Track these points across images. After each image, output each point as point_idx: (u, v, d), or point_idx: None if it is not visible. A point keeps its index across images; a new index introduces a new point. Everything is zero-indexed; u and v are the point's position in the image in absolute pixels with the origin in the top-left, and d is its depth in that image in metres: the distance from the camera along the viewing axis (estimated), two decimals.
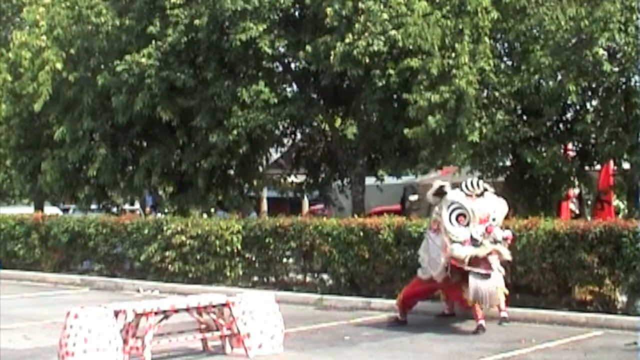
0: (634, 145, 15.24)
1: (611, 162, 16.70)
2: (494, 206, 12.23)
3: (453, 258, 11.80)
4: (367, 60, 16.85)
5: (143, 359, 9.41)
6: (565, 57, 15.35)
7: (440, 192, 12.20)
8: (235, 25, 17.87)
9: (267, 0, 17.78)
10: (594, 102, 16.47)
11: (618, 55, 15.35)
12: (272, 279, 16.60)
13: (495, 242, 11.94)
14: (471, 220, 11.88)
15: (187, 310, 10.12)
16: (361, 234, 14.80)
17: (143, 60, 18.67)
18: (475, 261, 11.82)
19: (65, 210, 28.59)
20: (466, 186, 12.17)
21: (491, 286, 11.83)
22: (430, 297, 13.45)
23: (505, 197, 17.51)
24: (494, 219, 12.08)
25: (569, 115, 17.06)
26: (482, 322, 11.82)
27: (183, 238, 17.18)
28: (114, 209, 23.38)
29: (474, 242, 11.83)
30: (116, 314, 9.36)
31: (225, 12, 17.78)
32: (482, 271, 11.78)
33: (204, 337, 10.44)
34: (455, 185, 12.59)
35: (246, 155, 19.26)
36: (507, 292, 12.51)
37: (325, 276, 15.80)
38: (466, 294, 11.89)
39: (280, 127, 20.32)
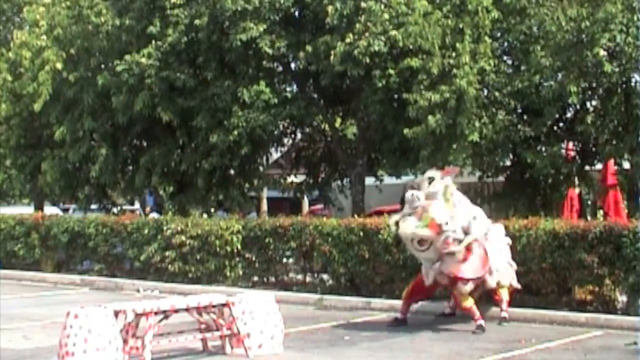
0: (635, 145, 15.25)
1: (611, 161, 16.70)
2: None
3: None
4: (368, 60, 16.85)
5: (143, 359, 9.40)
6: (565, 58, 15.36)
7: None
8: (236, 25, 17.87)
9: (267, 0, 17.79)
10: (594, 103, 16.48)
11: (618, 56, 15.36)
12: (272, 279, 16.59)
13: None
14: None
15: (187, 310, 10.11)
16: (361, 234, 14.79)
17: (143, 60, 18.68)
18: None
19: (65, 210, 28.59)
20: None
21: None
22: (430, 297, 13.45)
23: (506, 197, 17.61)
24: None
25: (569, 115, 17.09)
26: (481, 322, 11.82)
27: (183, 238, 17.18)
28: (114, 209, 23.40)
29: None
30: (116, 314, 9.36)
31: (225, 12, 17.79)
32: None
33: (204, 337, 10.44)
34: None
35: (246, 155, 19.26)
36: (519, 286, 12.57)
37: (325, 276, 15.79)
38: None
39: (281, 127, 20.33)
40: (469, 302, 11.97)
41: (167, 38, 18.66)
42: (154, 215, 22.30)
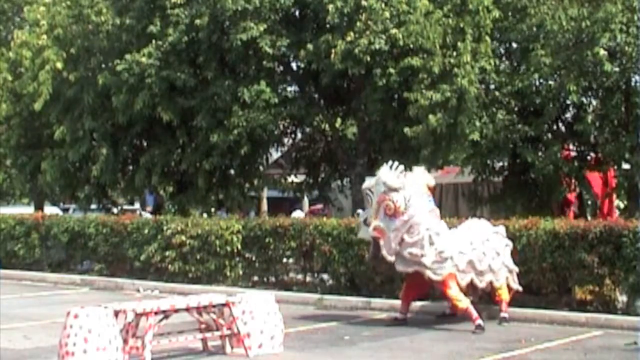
0: (634, 145, 15.25)
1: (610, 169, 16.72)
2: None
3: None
4: (369, 59, 16.85)
5: (143, 359, 9.40)
6: (566, 57, 15.37)
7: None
8: (236, 25, 17.87)
9: (267, 0, 17.79)
10: (594, 102, 16.50)
11: (618, 55, 15.37)
12: (272, 279, 16.58)
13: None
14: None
15: (187, 310, 10.11)
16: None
17: (143, 59, 18.66)
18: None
19: (65, 210, 28.58)
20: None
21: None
22: (430, 297, 13.46)
23: (504, 198, 17.59)
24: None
25: (568, 115, 17.10)
26: (479, 321, 11.81)
27: (183, 238, 17.17)
28: (114, 209, 23.39)
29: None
30: (116, 314, 9.36)
31: (226, 11, 17.78)
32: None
33: (204, 337, 10.43)
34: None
35: (246, 155, 19.24)
36: (519, 288, 12.62)
37: (325, 276, 15.78)
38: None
39: (281, 127, 20.32)
40: (464, 304, 11.96)
41: (167, 38, 18.64)
42: (145, 214, 22.30)
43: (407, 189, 12.02)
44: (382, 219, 12.00)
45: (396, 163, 12.23)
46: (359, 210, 12.94)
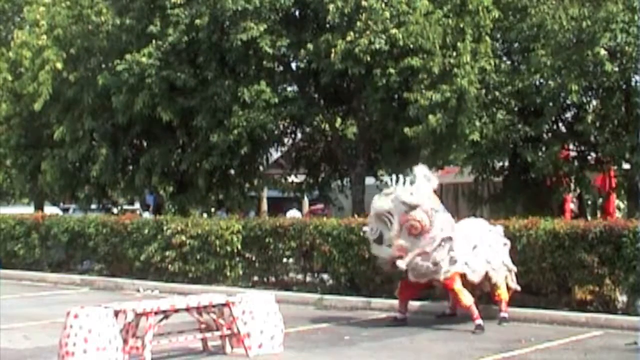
0: (634, 145, 15.25)
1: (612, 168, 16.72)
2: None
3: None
4: (369, 59, 16.86)
5: (143, 359, 9.40)
6: (566, 57, 15.38)
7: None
8: (236, 25, 17.88)
9: (267, 0, 17.80)
10: (595, 102, 16.51)
11: (619, 55, 15.38)
12: (272, 279, 16.58)
13: None
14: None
15: (187, 310, 10.10)
16: (361, 233, 14.76)
17: (143, 59, 18.67)
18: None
19: (65, 210, 28.59)
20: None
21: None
22: (430, 297, 13.45)
23: (504, 198, 17.60)
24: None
25: (569, 115, 17.11)
26: (479, 321, 11.81)
27: (183, 238, 17.16)
28: (115, 209, 23.38)
29: None
30: (116, 314, 9.35)
31: (226, 11, 17.80)
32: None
33: (204, 337, 10.43)
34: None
35: (247, 155, 19.25)
36: (517, 288, 12.59)
37: (325, 276, 15.78)
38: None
39: (281, 127, 20.32)
40: (468, 301, 11.96)
41: (167, 38, 18.65)
42: (146, 214, 22.28)
43: (425, 203, 11.90)
44: (407, 238, 11.90)
45: (401, 177, 12.06)
46: (365, 228, 12.72)
